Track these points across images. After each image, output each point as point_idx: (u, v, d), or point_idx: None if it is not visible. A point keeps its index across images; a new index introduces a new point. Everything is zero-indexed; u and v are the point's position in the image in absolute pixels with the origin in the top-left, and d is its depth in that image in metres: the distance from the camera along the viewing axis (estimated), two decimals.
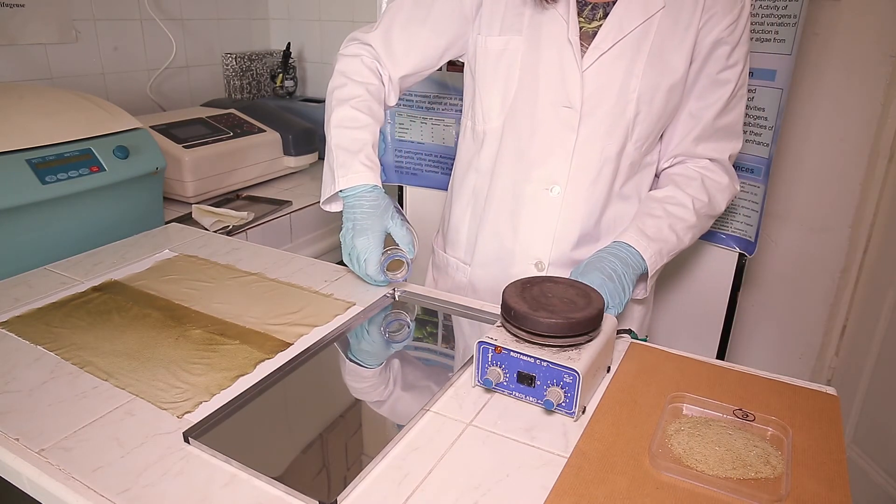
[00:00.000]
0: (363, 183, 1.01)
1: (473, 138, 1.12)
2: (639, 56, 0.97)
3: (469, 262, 1.17)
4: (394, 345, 0.92)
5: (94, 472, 0.64)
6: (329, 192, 1.04)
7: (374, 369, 0.86)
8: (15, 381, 0.79)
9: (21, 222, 1.12)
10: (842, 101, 1.65)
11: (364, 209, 1.00)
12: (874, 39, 1.57)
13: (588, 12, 0.99)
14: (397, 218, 1.01)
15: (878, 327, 1.62)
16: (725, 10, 0.96)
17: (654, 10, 0.96)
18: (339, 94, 1.07)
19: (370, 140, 1.04)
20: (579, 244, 1.06)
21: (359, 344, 0.92)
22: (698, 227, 1.06)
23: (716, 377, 0.82)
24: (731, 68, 1.00)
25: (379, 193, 1.02)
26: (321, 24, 2.35)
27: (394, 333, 0.96)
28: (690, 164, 1.07)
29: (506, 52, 1.03)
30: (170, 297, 1.01)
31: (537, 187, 1.05)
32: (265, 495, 0.62)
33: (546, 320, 0.73)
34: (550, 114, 1.01)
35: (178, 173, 1.59)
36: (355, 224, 1.00)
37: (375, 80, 1.09)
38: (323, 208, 1.09)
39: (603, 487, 0.63)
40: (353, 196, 1.01)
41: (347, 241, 1.01)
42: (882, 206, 1.64)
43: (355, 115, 1.05)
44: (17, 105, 1.22)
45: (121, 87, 1.92)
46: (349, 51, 1.11)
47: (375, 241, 0.99)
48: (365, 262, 0.99)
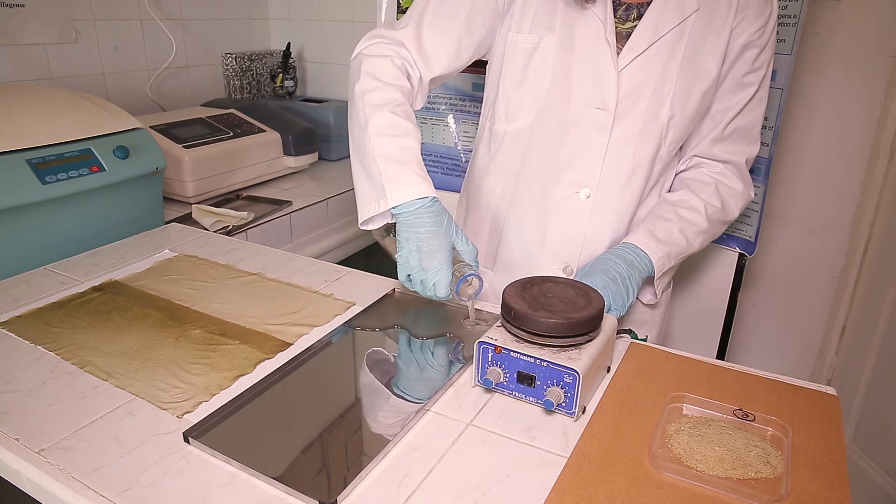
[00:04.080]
0: (422, 196, 0.89)
1: (492, 139, 1.09)
2: (673, 58, 0.95)
3: (491, 266, 1.14)
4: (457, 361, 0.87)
5: (94, 472, 0.64)
6: (377, 210, 0.91)
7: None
8: (15, 381, 0.79)
9: (21, 222, 1.12)
10: (842, 101, 1.65)
11: (428, 227, 0.89)
12: (874, 39, 1.57)
13: (622, 12, 0.97)
14: (461, 233, 0.92)
15: (878, 327, 1.62)
16: (756, 13, 0.95)
17: (689, 13, 0.94)
18: (373, 99, 0.95)
19: (417, 148, 0.94)
20: (611, 248, 1.03)
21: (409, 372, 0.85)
22: (709, 232, 1.04)
23: (716, 377, 0.82)
24: (755, 72, 0.99)
25: (439, 207, 0.91)
26: (321, 24, 2.35)
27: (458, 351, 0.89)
28: (705, 169, 1.06)
29: (538, 49, 0.99)
30: (170, 297, 1.01)
31: (567, 190, 1.02)
32: (265, 495, 0.62)
33: (546, 320, 0.73)
34: (583, 115, 0.98)
35: (178, 173, 1.59)
36: (420, 245, 0.88)
37: (406, 83, 0.99)
38: (362, 228, 0.95)
39: (603, 487, 0.63)
40: (412, 213, 0.89)
41: (413, 264, 0.89)
42: (882, 206, 1.64)
43: (397, 121, 0.93)
44: (17, 105, 1.22)
45: (121, 87, 1.92)
46: (375, 50, 0.99)
47: (446, 262, 0.88)
48: (435, 285, 0.88)
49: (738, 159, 1.05)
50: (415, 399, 0.77)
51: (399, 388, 0.81)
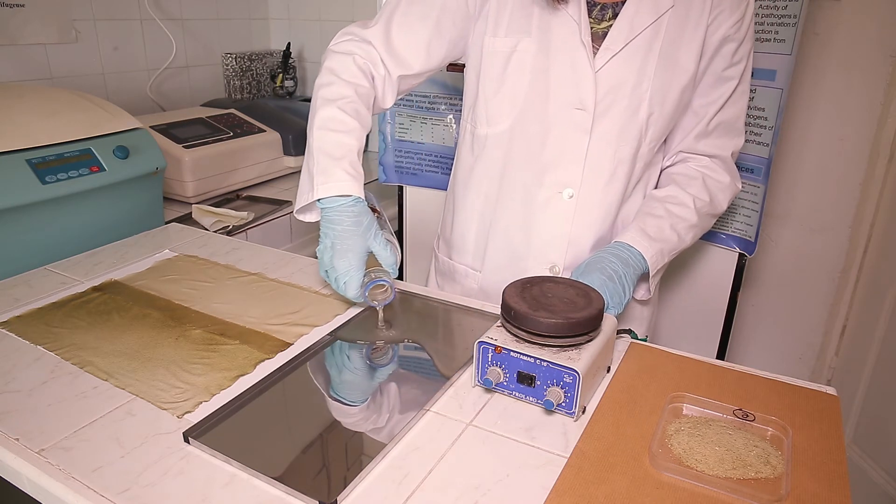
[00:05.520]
0: (345, 194, 0.91)
1: (474, 142, 1.10)
2: (650, 56, 0.96)
3: (479, 268, 1.14)
4: (379, 371, 0.86)
5: (94, 472, 0.64)
6: (305, 201, 0.94)
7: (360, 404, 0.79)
8: (15, 381, 0.79)
9: (21, 222, 1.12)
10: (842, 101, 1.65)
11: (345, 226, 0.91)
12: (874, 39, 1.57)
13: (597, 13, 0.98)
14: (380, 236, 0.93)
15: (878, 327, 1.62)
16: (732, 7, 0.96)
17: (664, 10, 0.95)
18: (326, 93, 0.98)
19: (356, 146, 0.96)
20: (595, 247, 1.05)
21: (340, 377, 0.85)
22: (700, 226, 1.06)
23: (716, 377, 0.82)
24: (735, 65, 1.00)
25: (362, 208, 0.92)
26: (321, 24, 2.35)
27: (378, 358, 0.89)
28: (692, 164, 1.07)
29: (515, 53, 1.00)
30: (170, 297, 1.01)
31: (550, 191, 1.03)
32: (265, 495, 0.62)
33: (546, 320, 0.73)
34: (562, 116, 0.99)
35: (178, 173, 1.59)
36: (335, 243, 0.91)
37: (366, 83, 1.01)
38: (297, 217, 0.98)
39: (603, 487, 0.63)
40: (333, 209, 0.92)
41: (326, 260, 0.92)
42: (882, 206, 1.64)
43: (342, 116, 0.96)
44: (17, 105, 1.22)
45: (121, 87, 1.92)
46: (342, 48, 1.03)
47: (357, 263, 0.90)
48: (345, 284, 0.90)
49: (724, 153, 1.06)
50: (350, 402, 0.78)
51: (334, 392, 0.81)
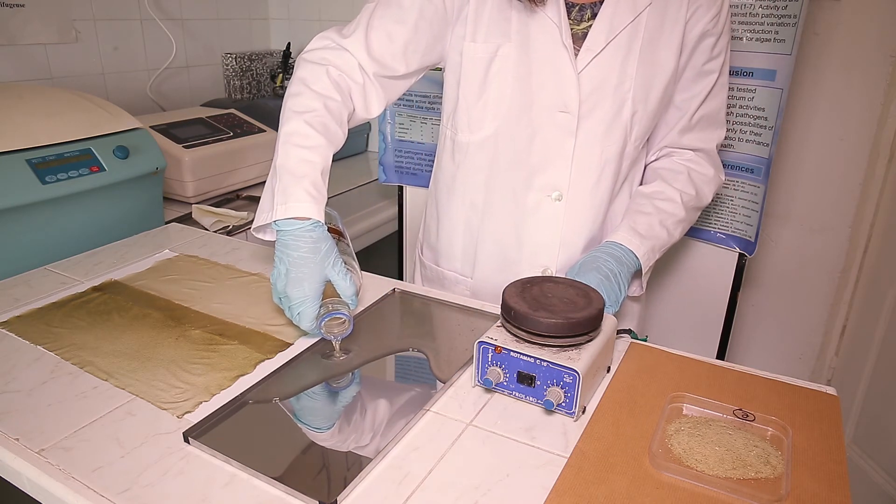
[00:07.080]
0: (303, 216, 0.84)
1: (455, 150, 1.08)
2: (631, 55, 0.97)
3: (469, 274, 1.14)
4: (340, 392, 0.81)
5: (94, 472, 0.64)
6: (262, 221, 0.87)
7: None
8: (15, 381, 0.79)
9: (21, 222, 1.12)
10: (842, 101, 1.65)
11: (301, 252, 0.83)
12: (874, 39, 1.57)
13: (576, 13, 0.98)
14: (340, 264, 0.86)
15: (878, 327, 1.62)
16: (710, 2, 0.97)
17: (642, 7, 0.96)
18: (293, 104, 0.93)
19: (320, 164, 0.89)
20: (587, 247, 1.06)
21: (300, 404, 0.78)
22: (687, 220, 1.07)
23: (716, 377, 0.82)
24: (714, 59, 1.01)
25: (321, 233, 0.85)
26: (321, 24, 2.34)
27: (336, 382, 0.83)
28: (676, 158, 1.08)
29: (496, 58, 0.98)
30: (170, 297, 1.01)
31: (539, 195, 1.03)
32: (265, 495, 0.62)
33: (546, 320, 0.73)
34: (547, 119, 0.99)
35: (178, 173, 1.59)
36: (290, 270, 0.83)
37: (337, 96, 0.95)
38: (254, 235, 0.91)
39: (603, 487, 0.63)
40: (290, 233, 0.84)
41: (280, 288, 0.85)
42: (882, 206, 1.64)
43: (307, 131, 0.90)
44: (17, 105, 1.22)
45: (121, 87, 1.92)
46: (315, 56, 0.97)
47: (312, 294, 0.83)
48: (299, 315, 0.84)
49: (708, 146, 1.08)
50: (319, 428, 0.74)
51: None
